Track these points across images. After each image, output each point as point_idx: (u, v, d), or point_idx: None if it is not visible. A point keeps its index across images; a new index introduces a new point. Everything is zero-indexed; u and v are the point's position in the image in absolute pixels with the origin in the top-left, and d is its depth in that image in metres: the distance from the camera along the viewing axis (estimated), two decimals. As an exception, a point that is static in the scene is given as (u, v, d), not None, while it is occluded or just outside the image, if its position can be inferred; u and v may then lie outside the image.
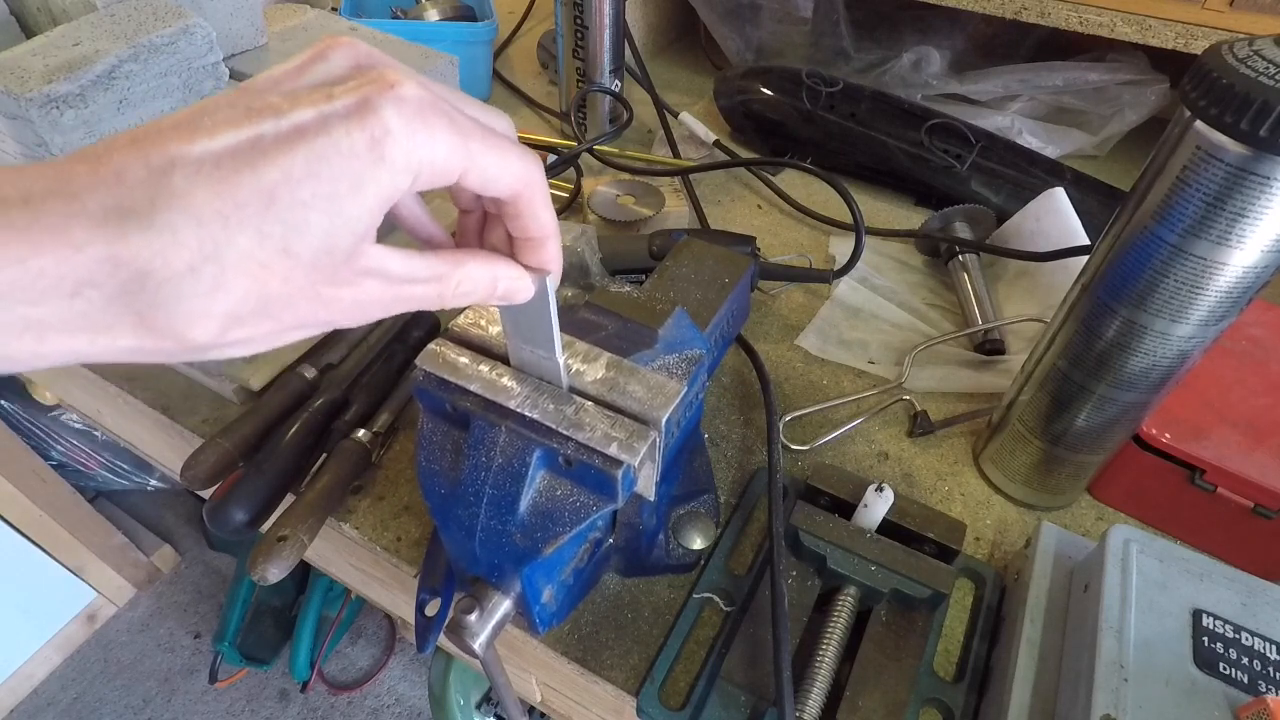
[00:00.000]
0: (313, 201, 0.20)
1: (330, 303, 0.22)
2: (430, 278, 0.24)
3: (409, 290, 0.24)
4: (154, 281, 0.19)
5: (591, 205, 0.69)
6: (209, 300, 0.20)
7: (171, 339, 0.20)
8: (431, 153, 0.21)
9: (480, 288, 0.26)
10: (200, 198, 0.19)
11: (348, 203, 0.20)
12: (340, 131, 0.20)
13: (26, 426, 1.34)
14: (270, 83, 0.21)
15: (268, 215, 0.19)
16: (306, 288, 0.21)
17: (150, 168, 0.19)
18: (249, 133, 0.20)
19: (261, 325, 0.21)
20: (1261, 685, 0.33)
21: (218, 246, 0.19)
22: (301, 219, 0.20)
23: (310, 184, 0.20)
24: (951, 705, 0.40)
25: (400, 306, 0.24)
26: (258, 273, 0.20)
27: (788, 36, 0.94)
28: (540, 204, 0.25)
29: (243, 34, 0.62)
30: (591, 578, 0.44)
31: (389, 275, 0.23)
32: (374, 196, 0.21)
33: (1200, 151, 0.33)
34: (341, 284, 0.22)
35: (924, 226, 0.68)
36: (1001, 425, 0.50)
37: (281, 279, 0.20)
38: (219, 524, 0.44)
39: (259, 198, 0.19)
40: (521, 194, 0.24)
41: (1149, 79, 0.80)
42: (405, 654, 1.52)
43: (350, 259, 0.21)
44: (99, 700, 1.43)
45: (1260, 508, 0.44)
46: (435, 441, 0.36)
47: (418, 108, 0.21)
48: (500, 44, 1.02)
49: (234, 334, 0.21)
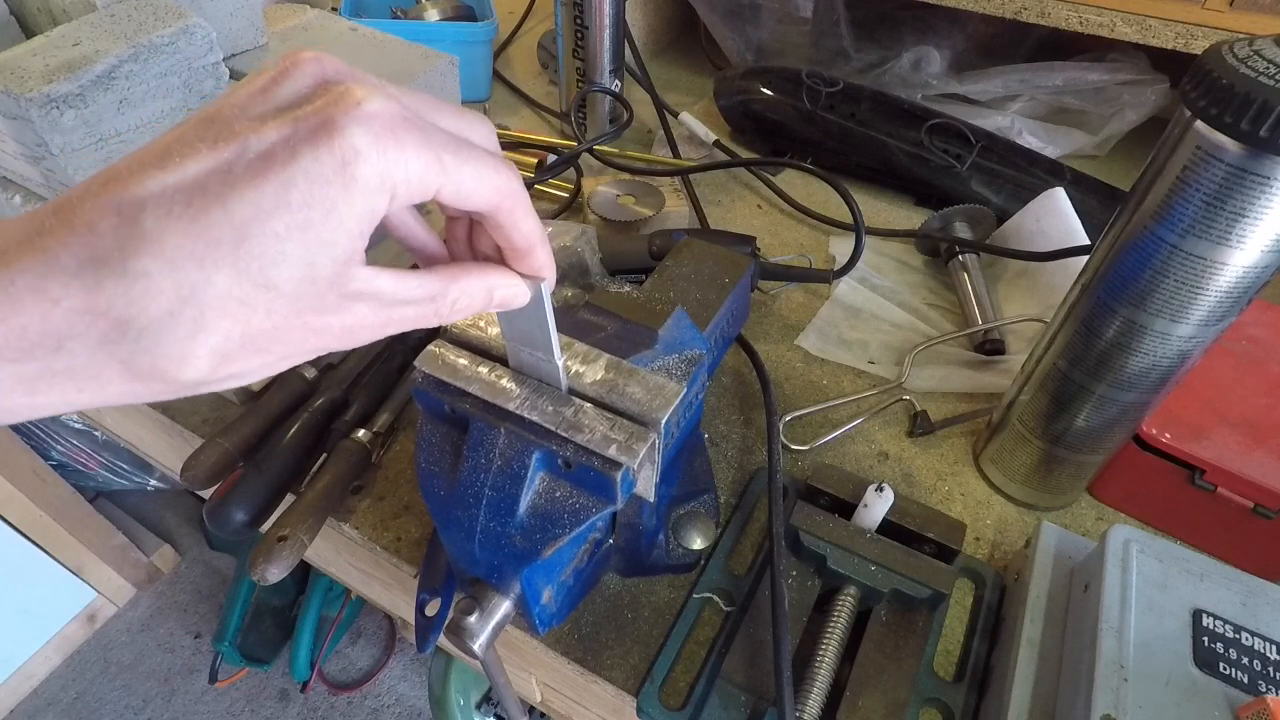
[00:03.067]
0: (286, 233, 0.19)
1: (320, 331, 0.21)
2: (424, 298, 0.24)
3: (401, 312, 0.23)
4: (134, 329, 0.19)
5: (591, 205, 0.69)
6: (192, 342, 0.19)
7: (161, 382, 0.20)
8: (405, 171, 0.20)
9: (476, 300, 0.25)
10: (172, 240, 0.18)
11: (323, 230, 0.20)
12: (308, 157, 0.19)
13: (26, 426, 1.34)
14: (235, 109, 0.21)
15: (240, 251, 0.19)
16: (292, 318, 0.20)
17: (120, 213, 0.18)
18: (216, 165, 0.19)
19: (251, 360, 0.21)
20: (1261, 685, 0.33)
21: (194, 288, 0.19)
22: (276, 251, 0.19)
23: (282, 215, 0.19)
24: (951, 705, 0.40)
25: (394, 328, 0.23)
26: (238, 311, 0.19)
27: (788, 36, 0.94)
28: (521, 214, 0.24)
29: (243, 34, 0.62)
30: (591, 578, 0.44)
31: (380, 297, 0.22)
32: (351, 219, 0.20)
33: (1200, 151, 0.33)
34: (329, 311, 0.21)
35: (924, 226, 0.68)
36: (1001, 425, 0.50)
37: (264, 313, 0.20)
38: (219, 524, 0.44)
39: (231, 234, 0.19)
40: (500, 206, 0.24)
41: (1149, 79, 0.80)
42: (405, 654, 1.52)
43: (335, 284, 0.21)
44: (99, 700, 1.43)
45: (1260, 508, 0.44)
46: (435, 443, 0.36)
47: (386, 123, 0.20)
48: (500, 44, 1.02)
49: (225, 370, 0.20)
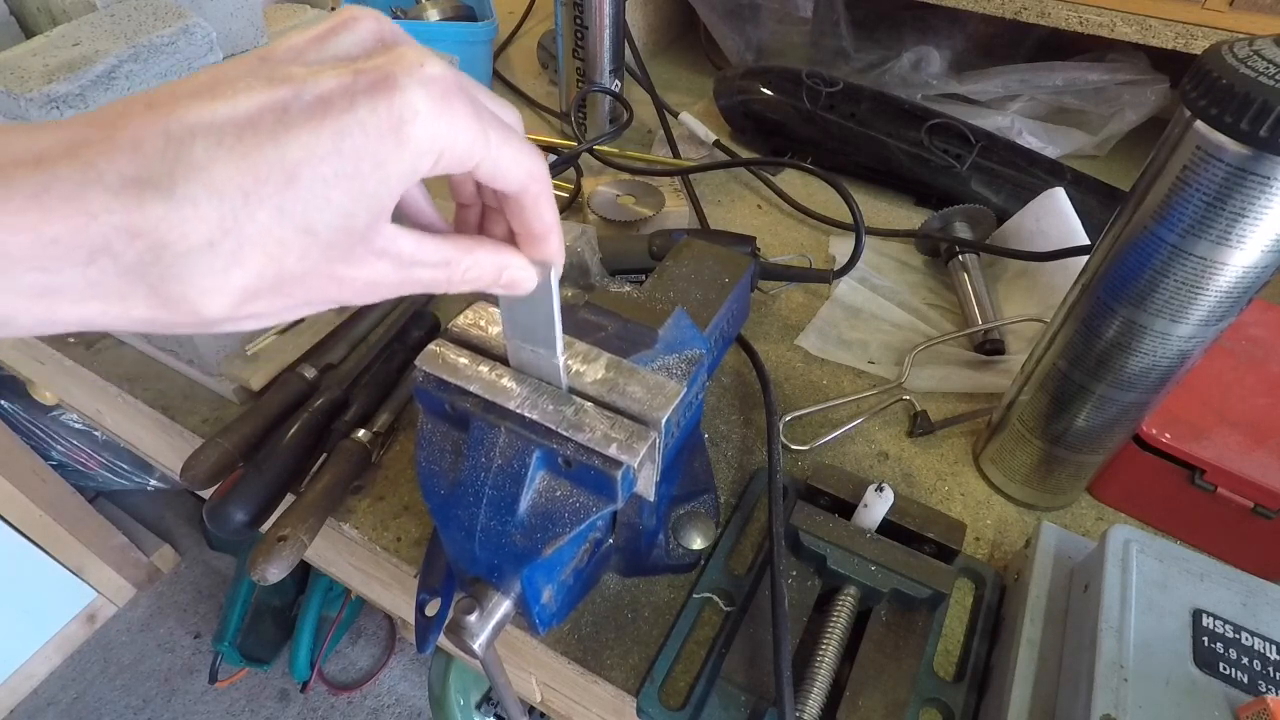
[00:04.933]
0: (335, 180, 0.19)
1: (343, 282, 0.22)
2: (440, 262, 0.24)
3: (417, 274, 0.24)
4: (170, 254, 0.18)
5: (591, 205, 0.69)
6: (224, 276, 0.19)
7: (184, 312, 0.20)
8: (454, 139, 0.21)
9: (487, 274, 0.25)
10: (221, 171, 0.18)
11: (370, 182, 0.20)
12: (366, 109, 0.19)
13: (26, 426, 1.34)
14: (292, 52, 0.21)
15: (288, 192, 0.19)
16: (322, 265, 0.21)
17: (169, 136, 0.18)
18: (271, 103, 0.19)
19: (274, 302, 0.21)
20: (1261, 685, 0.33)
21: (238, 221, 0.19)
22: (322, 197, 0.19)
23: (334, 161, 0.19)
24: (951, 705, 0.40)
25: (407, 289, 0.24)
26: (274, 250, 0.19)
27: (788, 36, 0.94)
28: (545, 200, 0.25)
29: (243, 34, 0.62)
30: (591, 578, 0.44)
31: (400, 257, 0.23)
32: (395, 177, 0.20)
33: (1200, 151, 0.33)
34: (355, 263, 0.21)
35: (924, 226, 0.68)
36: (1001, 425, 0.50)
37: (298, 256, 0.20)
38: (219, 524, 0.44)
39: (281, 173, 0.19)
40: (529, 188, 0.24)
41: (1149, 79, 0.80)
42: (405, 654, 1.52)
43: (366, 238, 0.21)
44: (99, 700, 1.43)
45: (1260, 508, 0.44)
46: (435, 442, 0.36)
47: (444, 90, 0.20)
48: (500, 44, 1.02)
49: (246, 309, 0.20)
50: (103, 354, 0.59)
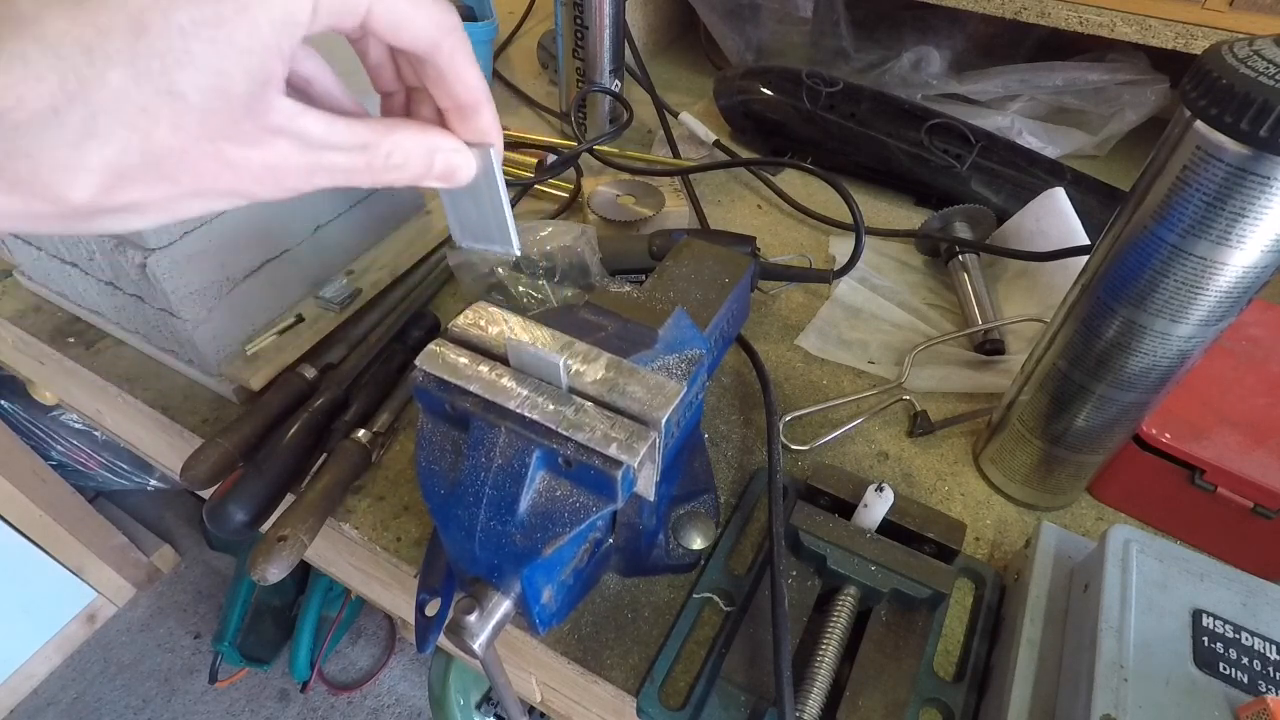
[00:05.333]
0: (193, 29, 0.17)
1: (236, 166, 0.19)
2: (355, 145, 0.21)
3: (330, 158, 0.21)
4: (7, 124, 0.16)
5: (591, 205, 0.69)
6: (80, 150, 0.17)
7: (45, 198, 0.17)
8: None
9: (414, 160, 0.23)
10: (55, 24, 0.16)
11: (235, 31, 0.17)
12: None
13: (26, 426, 1.34)
14: None
15: (139, 45, 0.16)
16: (204, 142, 0.18)
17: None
18: None
19: (155, 188, 0.18)
20: (1261, 685, 0.33)
21: (83, 83, 0.16)
22: (182, 49, 0.17)
23: (187, 6, 0.17)
24: (951, 705, 0.40)
25: (322, 178, 0.21)
26: (138, 119, 0.17)
27: (788, 36, 0.94)
28: (463, 60, 0.22)
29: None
30: (591, 578, 0.44)
31: (306, 138, 0.20)
32: (267, 24, 0.18)
33: (1200, 151, 0.33)
34: (247, 142, 0.19)
35: (924, 226, 0.68)
36: (1001, 425, 0.50)
37: (170, 127, 0.17)
38: (219, 524, 0.44)
39: (126, 22, 0.16)
40: (441, 45, 0.22)
41: (1149, 79, 0.80)
42: (405, 654, 1.52)
43: (253, 110, 0.18)
44: (99, 700, 1.43)
45: (1260, 508, 0.44)
46: (435, 442, 0.36)
47: None
48: (500, 44, 1.02)
49: (121, 195, 0.18)
50: (103, 354, 0.59)
